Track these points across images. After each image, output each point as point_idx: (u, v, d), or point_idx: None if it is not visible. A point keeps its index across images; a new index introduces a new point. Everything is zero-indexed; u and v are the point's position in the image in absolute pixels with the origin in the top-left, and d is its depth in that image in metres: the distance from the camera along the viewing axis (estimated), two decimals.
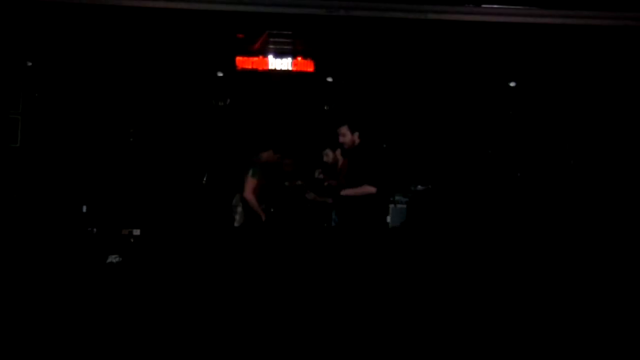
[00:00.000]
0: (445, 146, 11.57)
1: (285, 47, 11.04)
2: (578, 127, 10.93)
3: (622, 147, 10.35)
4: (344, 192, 6.65)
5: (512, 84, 11.10)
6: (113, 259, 8.75)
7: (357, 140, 6.81)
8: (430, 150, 11.49)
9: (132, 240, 9.69)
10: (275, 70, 11.12)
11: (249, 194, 7.79)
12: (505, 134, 11.42)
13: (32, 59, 10.62)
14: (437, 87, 11.47)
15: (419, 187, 10.65)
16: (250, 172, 7.85)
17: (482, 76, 11.17)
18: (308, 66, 11.19)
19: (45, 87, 10.80)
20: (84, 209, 10.04)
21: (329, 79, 11.47)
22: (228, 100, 11.68)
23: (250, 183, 7.81)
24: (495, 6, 8.75)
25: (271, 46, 11.02)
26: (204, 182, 10.11)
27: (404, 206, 9.91)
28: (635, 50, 9.45)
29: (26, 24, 9.47)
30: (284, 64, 11.11)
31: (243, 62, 11.11)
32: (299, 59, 11.13)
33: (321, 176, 8.73)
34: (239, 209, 7.99)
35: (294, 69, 11.13)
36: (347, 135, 6.93)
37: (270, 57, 11.07)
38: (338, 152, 8.14)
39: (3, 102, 10.36)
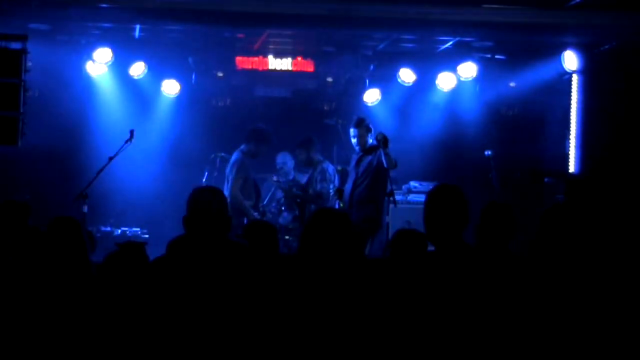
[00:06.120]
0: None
1: (286, 47, 11.07)
2: None
3: None
4: None
5: (512, 84, 11.12)
6: None
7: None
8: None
9: None
10: (275, 70, 11.15)
11: None
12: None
13: None
14: None
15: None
16: None
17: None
18: (308, 66, 11.23)
19: None
20: None
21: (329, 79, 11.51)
22: (228, 101, 11.70)
23: None
24: None
25: (271, 46, 11.05)
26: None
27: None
28: None
29: None
30: (284, 64, 11.12)
31: (243, 62, 11.13)
32: (299, 59, 11.16)
33: None
34: None
35: (294, 68, 11.16)
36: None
37: (270, 57, 11.09)
38: None
39: None
